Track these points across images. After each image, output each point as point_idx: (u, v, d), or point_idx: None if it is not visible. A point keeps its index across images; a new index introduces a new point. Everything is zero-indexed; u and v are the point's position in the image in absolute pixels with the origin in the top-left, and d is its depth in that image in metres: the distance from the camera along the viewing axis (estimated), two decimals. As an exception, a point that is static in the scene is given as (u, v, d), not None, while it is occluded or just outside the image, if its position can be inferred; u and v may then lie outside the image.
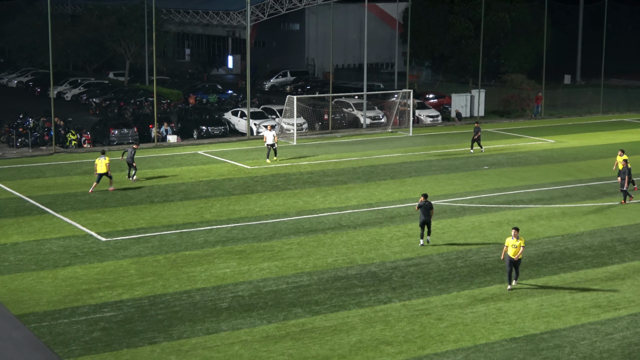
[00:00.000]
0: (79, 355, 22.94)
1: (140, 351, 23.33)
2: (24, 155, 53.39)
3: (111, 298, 27.54)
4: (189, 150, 55.36)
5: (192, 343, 23.93)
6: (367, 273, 30.20)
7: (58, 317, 25.85)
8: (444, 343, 23.94)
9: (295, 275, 29.92)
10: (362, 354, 23.18)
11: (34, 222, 37.13)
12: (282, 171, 48.35)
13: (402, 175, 47.27)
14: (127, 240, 34.37)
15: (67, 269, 30.59)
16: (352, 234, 35.36)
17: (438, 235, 34.98)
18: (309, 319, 25.81)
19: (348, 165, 50.32)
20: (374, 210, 39.30)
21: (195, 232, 35.47)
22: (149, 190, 43.50)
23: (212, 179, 46.27)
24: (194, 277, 29.69)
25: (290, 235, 35.15)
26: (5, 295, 27.23)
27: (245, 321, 25.56)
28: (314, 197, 41.82)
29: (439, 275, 30.02)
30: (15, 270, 30.36)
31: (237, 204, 40.24)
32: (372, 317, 25.97)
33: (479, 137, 53.99)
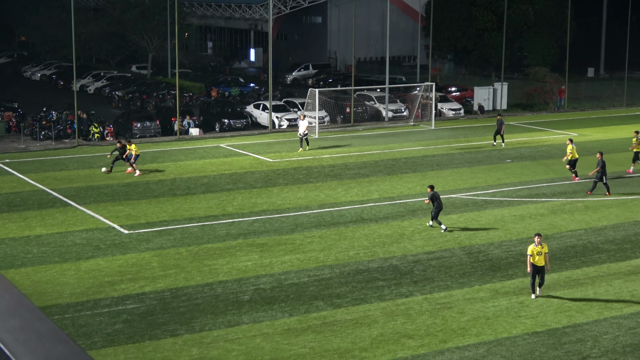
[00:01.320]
0: (102, 347, 23.06)
1: (162, 343, 23.43)
2: (47, 148, 53.65)
3: (133, 290, 27.66)
4: (211, 143, 55.45)
5: (213, 335, 24.00)
6: (388, 266, 30.17)
7: (81, 309, 25.98)
8: (465, 337, 23.90)
9: (317, 268, 29.94)
10: (384, 347, 23.17)
11: (57, 214, 37.33)
12: (303, 164, 48.36)
13: (424, 168, 47.17)
14: (149, 232, 34.49)
15: (90, 261, 30.75)
16: (373, 227, 35.33)
17: (460, 229, 34.88)
18: (330, 312, 25.83)
19: (370, 158, 50.26)
20: (396, 203, 39.25)
21: (217, 225, 35.55)
22: (171, 183, 43.63)
23: (234, 172, 46.34)
24: (216, 269, 29.76)
25: (312, 228, 35.16)
26: (28, 287, 27.42)
27: (266, 314, 25.61)
28: (336, 190, 41.80)
29: (460, 268, 29.96)
30: (39, 263, 30.54)
31: (259, 197, 40.29)
32: (393, 310, 25.96)
33: (502, 130, 53.78)
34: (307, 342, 23.49)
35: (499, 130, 53.69)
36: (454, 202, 39.24)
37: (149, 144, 54.90)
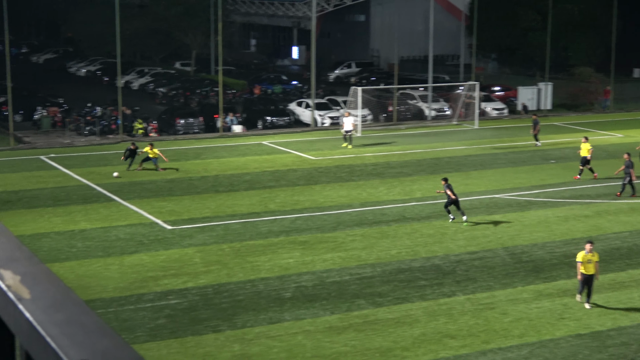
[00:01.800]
0: (144, 342, 23.21)
1: (205, 339, 23.53)
2: (91, 143, 54.15)
3: (176, 286, 27.81)
4: (253, 141, 55.62)
5: (255, 332, 24.05)
6: (430, 266, 30.05)
7: (124, 303, 26.18)
8: (508, 338, 23.73)
9: (359, 266, 29.90)
10: (425, 346, 23.07)
11: (101, 209, 37.64)
12: (346, 162, 48.33)
13: (467, 168, 46.92)
14: (192, 228, 34.66)
15: (134, 256, 30.97)
16: (416, 226, 35.21)
17: (503, 229, 34.66)
18: (372, 310, 25.77)
19: (412, 157, 50.11)
20: (439, 202, 39.06)
21: (260, 222, 35.63)
22: (214, 179, 43.82)
23: (277, 169, 46.44)
24: (258, 266, 29.83)
25: (354, 226, 35.12)
26: (72, 281, 27.67)
27: (308, 311, 25.61)
28: (378, 189, 41.72)
29: (503, 269, 29.76)
30: (83, 257, 30.82)
31: (301, 195, 40.32)
32: (435, 310, 25.84)
33: (537, 129, 53.32)
34: (349, 341, 23.45)
35: (534, 130, 53.32)
36: (497, 202, 38.99)
37: (192, 141, 55.20)
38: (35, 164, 47.23)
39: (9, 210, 37.37)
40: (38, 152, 51.02)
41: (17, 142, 54.08)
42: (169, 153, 50.72)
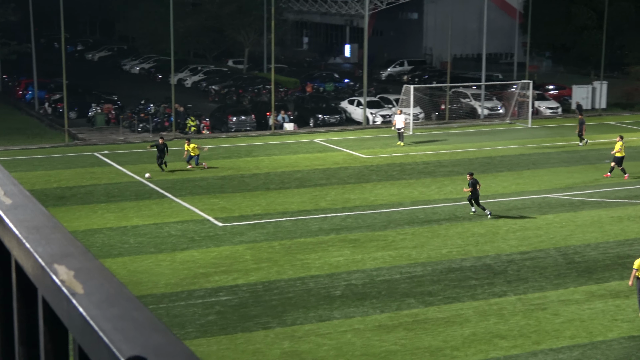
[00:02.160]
0: (195, 338, 23.38)
1: (254, 335, 23.63)
2: (145, 140, 54.61)
3: (227, 282, 27.96)
4: (305, 138, 55.71)
5: (305, 330, 24.11)
6: (481, 265, 29.88)
7: (175, 299, 26.39)
8: (559, 339, 23.51)
9: (409, 265, 29.82)
10: (476, 346, 22.95)
11: (153, 205, 37.97)
12: (397, 161, 48.21)
13: (520, 167, 46.54)
14: (243, 225, 34.82)
15: (185, 252, 31.19)
16: (467, 225, 35.03)
17: (556, 230, 34.34)
18: (422, 309, 25.70)
19: (464, 156, 49.83)
20: (491, 202, 38.81)
21: (310, 220, 35.69)
22: (265, 177, 43.98)
23: (328, 167, 46.46)
24: (308, 264, 29.89)
25: (404, 225, 35.03)
26: (124, 277, 27.96)
27: (358, 310, 25.61)
28: (430, 188, 41.56)
29: (555, 269, 29.48)
30: (135, 253, 31.12)
31: (352, 193, 40.30)
32: (486, 310, 25.69)
33: (583, 129, 52.60)
34: (398, 339, 23.41)
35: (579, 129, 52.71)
36: (549, 202, 38.64)
37: (244, 138, 55.43)
38: (89, 161, 47.78)
39: (63, 206, 37.86)
40: (92, 148, 51.61)
41: (71, 139, 54.75)
42: (220, 150, 51.03)
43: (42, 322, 1.73)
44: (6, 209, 1.95)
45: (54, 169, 45.60)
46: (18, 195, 2.05)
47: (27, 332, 1.94)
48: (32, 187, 40.80)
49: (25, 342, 1.94)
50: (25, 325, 1.94)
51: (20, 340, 1.95)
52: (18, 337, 1.95)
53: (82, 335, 1.45)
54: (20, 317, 1.95)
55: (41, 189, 40.78)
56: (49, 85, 68.57)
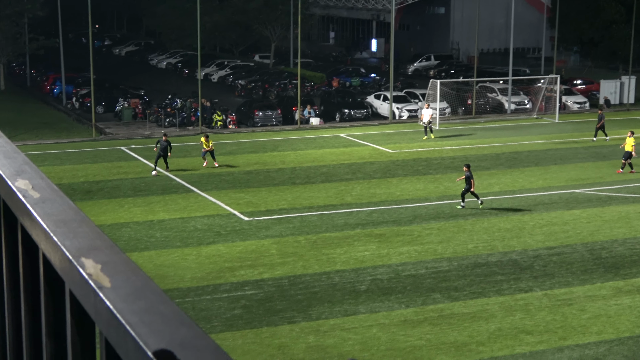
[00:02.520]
0: (220, 332, 23.46)
1: (280, 330, 23.68)
2: (171, 135, 54.75)
3: (252, 277, 28.03)
4: (331, 133, 55.70)
5: (330, 324, 24.13)
6: (508, 261, 29.78)
7: (201, 293, 26.48)
8: (586, 334, 23.40)
9: (435, 260, 29.77)
10: (501, 342, 22.89)
11: (179, 200, 38.11)
12: (423, 156, 48.11)
13: (547, 162, 46.32)
14: (269, 220, 34.88)
15: (211, 246, 31.30)
16: (493, 220, 34.91)
17: (583, 225, 34.15)
18: (447, 304, 25.65)
19: (491, 151, 49.64)
20: (517, 197, 38.68)
21: (336, 215, 35.69)
22: (291, 171, 44.02)
23: (353, 162, 46.44)
24: (334, 258, 29.90)
25: (430, 220, 34.97)
26: (151, 271, 28.09)
27: (383, 304, 25.60)
28: (456, 183, 41.43)
29: (582, 265, 29.33)
30: (161, 247, 31.26)
31: (378, 188, 40.26)
32: (512, 305, 25.61)
33: (603, 125, 52.10)
34: (424, 334, 23.39)
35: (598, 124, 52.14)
36: (577, 197, 38.44)
37: (270, 133, 55.50)
38: (116, 155, 48.02)
39: (90, 200, 38.08)
40: (119, 143, 51.86)
41: (98, 133, 55.03)
42: (246, 145, 51.13)
43: (69, 315, 1.75)
44: (34, 202, 1.96)
45: (81, 163, 45.87)
46: (46, 189, 2.07)
47: (55, 325, 1.95)
48: (60, 181, 41.07)
49: (52, 334, 1.96)
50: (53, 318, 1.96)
51: (47, 333, 1.97)
52: (45, 330, 1.97)
53: (109, 329, 1.46)
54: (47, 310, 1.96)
55: (68, 183, 41.04)
56: (77, 80, 68.97)
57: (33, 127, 57.38)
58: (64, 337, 1.85)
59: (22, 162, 2.30)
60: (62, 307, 1.83)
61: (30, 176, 2.17)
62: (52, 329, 1.96)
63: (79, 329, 1.75)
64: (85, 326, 1.75)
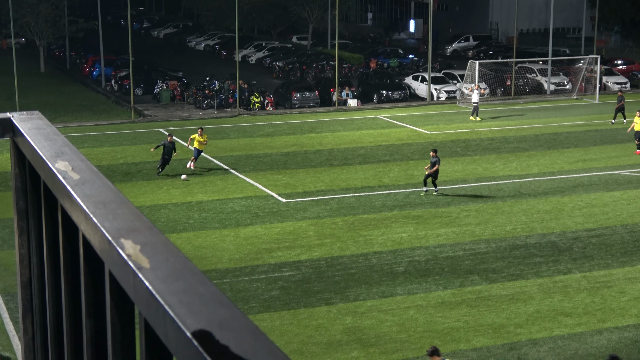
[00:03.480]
0: (258, 312, 23.57)
1: (317, 311, 23.74)
2: (209, 116, 54.99)
3: (290, 258, 28.11)
4: (368, 115, 55.58)
5: (367, 305, 24.15)
6: (546, 243, 29.60)
7: (239, 274, 26.61)
8: (625, 317, 23.23)
9: (473, 242, 29.66)
10: (540, 324, 22.79)
11: (218, 181, 38.26)
12: (461, 137, 47.88)
13: (587, 143, 45.91)
14: (306, 202, 34.93)
15: (248, 228, 31.41)
16: (532, 202, 34.70)
17: (622, 207, 33.84)
18: (485, 286, 25.57)
19: (530, 132, 49.28)
20: (556, 179, 38.39)
21: (373, 196, 35.66)
22: (328, 153, 44.01)
23: (391, 143, 46.32)
24: (371, 240, 29.89)
25: (468, 202, 34.83)
26: (189, 252, 28.26)
27: (420, 286, 25.58)
28: (494, 164, 41.23)
29: (622, 247, 29.09)
30: (200, 228, 31.42)
31: (416, 169, 40.14)
32: (550, 287, 25.47)
33: (622, 106, 51.13)
34: (461, 316, 23.34)
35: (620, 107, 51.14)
36: (617, 179, 38.08)
37: (308, 114, 55.49)
38: (154, 137, 48.26)
39: (129, 181, 38.34)
40: (157, 124, 52.12)
41: (137, 115, 55.35)
42: (284, 127, 51.16)
43: (109, 295, 1.77)
44: (74, 184, 1.98)
45: (120, 145, 46.18)
46: (85, 171, 2.08)
47: (94, 306, 1.97)
48: (99, 162, 41.39)
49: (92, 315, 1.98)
50: (92, 298, 1.98)
51: (87, 314, 1.99)
52: (85, 311, 1.99)
53: (148, 309, 1.48)
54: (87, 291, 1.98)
55: (108, 164, 41.35)
56: (116, 62, 69.36)
57: (72, 109, 57.82)
58: (103, 317, 1.87)
59: (62, 144, 2.32)
60: (101, 287, 1.85)
61: (70, 158, 2.19)
62: (91, 310, 1.98)
63: (118, 310, 1.77)
64: (125, 307, 1.76)
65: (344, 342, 21.97)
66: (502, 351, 21.36)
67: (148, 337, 1.53)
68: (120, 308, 1.77)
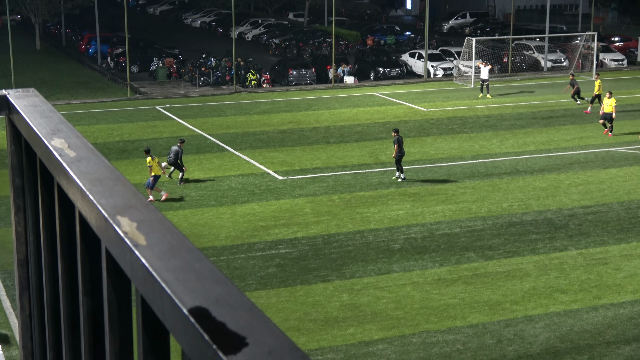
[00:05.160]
0: (255, 290, 23.62)
1: (314, 288, 23.80)
2: (206, 94, 54.89)
3: (287, 235, 28.15)
4: (365, 92, 55.51)
5: (364, 282, 24.21)
6: (543, 220, 29.65)
7: (236, 252, 26.65)
8: (621, 294, 23.31)
9: (469, 219, 29.71)
10: (535, 300, 22.86)
11: (214, 159, 38.25)
12: (458, 114, 47.85)
13: (583, 120, 45.90)
14: (303, 179, 34.94)
15: (245, 205, 31.43)
16: (528, 179, 34.73)
17: (619, 184, 33.88)
18: (481, 263, 25.63)
19: (527, 109, 49.24)
20: (552, 156, 38.42)
21: (370, 174, 35.67)
22: (325, 130, 43.98)
23: (388, 120, 46.28)
24: (368, 217, 29.93)
25: (465, 179, 34.85)
26: (186, 229, 28.29)
27: (417, 263, 25.63)
28: (491, 141, 41.23)
29: (618, 224, 29.15)
30: (196, 206, 31.43)
31: (412, 147, 40.12)
32: (546, 264, 25.54)
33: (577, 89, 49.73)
34: (458, 293, 23.41)
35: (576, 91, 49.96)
36: (613, 156, 38.11)
37: (304, 92, 55.42)
38: (150, 114, 48.20)
39: (126, 159, 38.31)
40: (154, 102, 52.03)
41: (133, 93, 55.24)
42: (280, 104, 51.09)
43: (106, 273, 1.77)
44: (70, 161, 1.98)
45: (116, 123, 46.12)
46: (82, 148, 2.08)
47: (91, 283, 1.98)
48: (95, 140, 41.33)
49: (89, 292, 1.98)
50: (89, 276, 1.98)
51: (84, 291, 1.99)
52: (82, 288, 1.99)
53: (145, 286, 1.48)
54: (84, 268, 1.98)
55: (104, 142, 41.31)
56: (112, 39, 69.18)
57: (69, 86, 57.68)
58: (100, 294, 1.87)
59: (58, 121, 2.32)
60: (98, 265, 1.85)
61: (66, 135, 2.18)
62: (88, 287, 1.98)
63: (115, 287, 1.77)
64: (122, 284, 1.77)
65: (340, 319, 22.04)
66: (498, 328, 21.45)
67: (145, 314, 1.53)
68: (116, 285, 1.77)
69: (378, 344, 20.69)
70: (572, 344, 20.58)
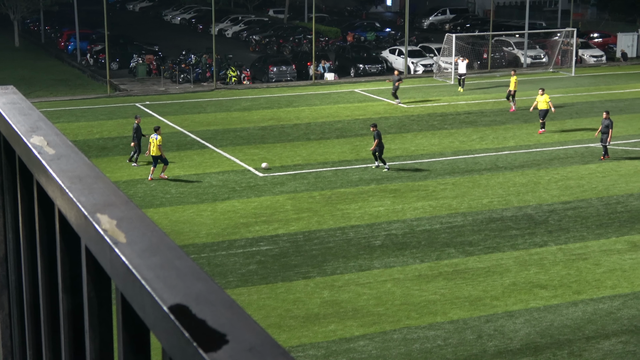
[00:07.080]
0: (236, 287, 23.61)
1: (295, 285, 23.81)
2: (186, 90, 54.77)
3: (267, 232, 28.13)
4: (345, 88, 55.52)
5: (345, 279, 24.24)
6: (522, 215, 29.77)
7: (216, 249, 26.61)
8: (600, 289, 23.44)
9: (450, 215, 29.79)
10: (516, 296, 22.96)
11: (194, 156, 38.17)
12: (438, 110, 47.93)
13: (563, 116, 46.08)
14: (283, 176, 34.93)
15: (226, 202, 31.39)
16: (508, 175, 34.85)
17: (598, 179, 34.05)
18: (462, 259, 25.71)
19: (507, 105, 49.37)
20: (532, 152, 38.56)
21: (351, 170, 35.70)
22: (305, 127, 43.98)
23: (368, 117, 46.31)
24: (348, 214, 29.95)
25: (445, 175, 34.94)
26: (166, 227, 28.22)
27: (398, 259, 25.68)
28: (471, 137, 41.34)
29: (597, 219, 29.30)
30: (177, 203, 31.37)
31: (393, 143, 40.18)
32: (526, 259, 25.65)
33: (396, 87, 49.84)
34: (438, 289, 23.47)
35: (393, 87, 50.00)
36: (592, 152, 38.30)
37: (285, 88, 55.37)
38: (131, 111, 48.03)
39: (106, 156, 38.17)
40: (133, 99, 51.85)
41: (113, 90, 55.03)
42: (261, 101, 51.05)
43: (85, 270, 1.76)
44: (49, 159, 1.97)
45: (96, 120, 45.94)
46: (61, 146, 2.07)
47: (71, 281, 1.97)
48: (75, 137, 41.16)
49: (68, 290, 1.98)
50: (69, 273, 1.97)
51: (63, 289, 1.98)
52: (62, 286, 1.99)
53: (125, 284, 1.47)
54: (63, 266, 1.98)
55: (84, 139, 41.14)
56: (91, 36, 68.85)
57: (48, 84, 57.41)
58: (80, 292, 1.86)
59: (37, 118, 2.31)
60: (78, 262, 1.84)
61: (45, 133, 2.18)
62: (68, 285, 1.98)
63: (95, 285, 1.76)
64: (101, 281, 1.76)
65: (321, 315, 22.06)
66: (479, 323, 21.52)
67: (125, 311, 1.53)
68: (97, 283, 1.76)
69: (359, 340, 20.72)
70: (552, 339, 20.69)
